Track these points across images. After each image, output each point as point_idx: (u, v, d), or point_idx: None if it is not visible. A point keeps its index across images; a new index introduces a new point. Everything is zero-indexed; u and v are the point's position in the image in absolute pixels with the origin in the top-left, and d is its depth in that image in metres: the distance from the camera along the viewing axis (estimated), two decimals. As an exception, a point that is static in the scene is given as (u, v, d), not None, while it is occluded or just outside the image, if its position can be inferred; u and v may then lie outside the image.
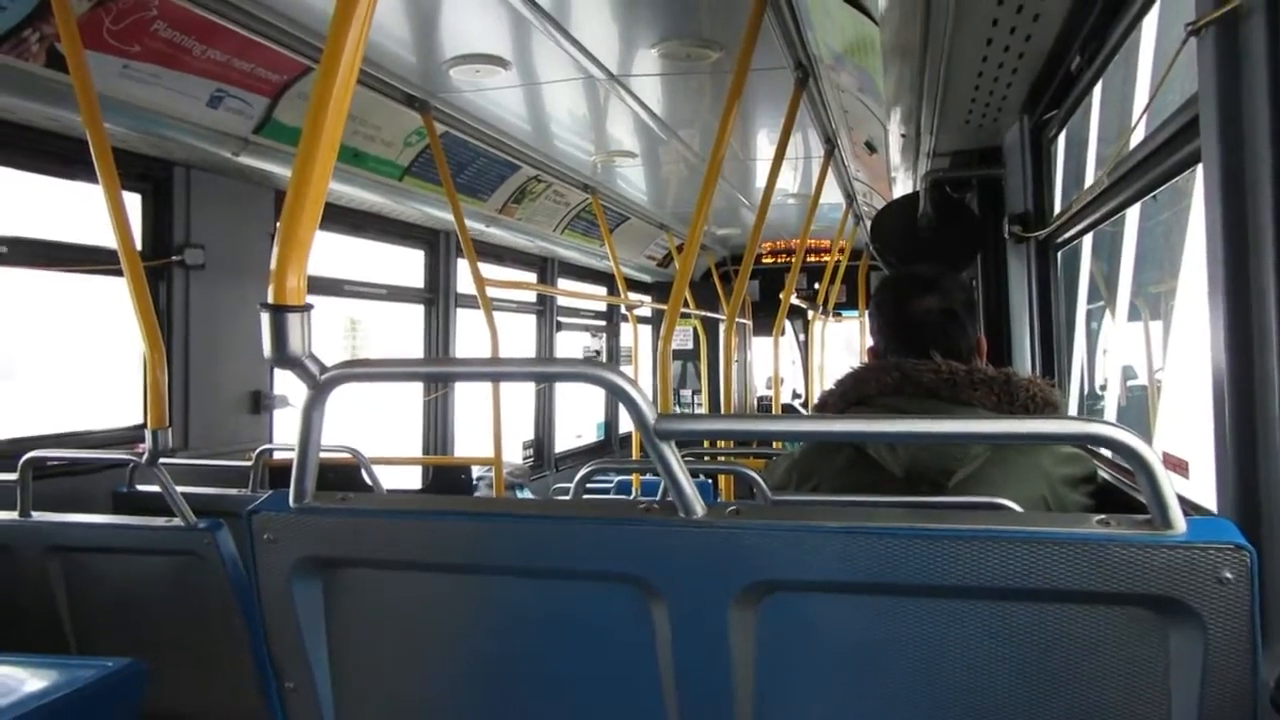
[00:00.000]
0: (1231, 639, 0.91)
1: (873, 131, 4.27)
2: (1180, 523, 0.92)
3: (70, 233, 3.43)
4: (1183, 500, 0.94)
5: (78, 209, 3.39)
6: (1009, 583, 0.96)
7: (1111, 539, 0.93)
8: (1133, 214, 2.70)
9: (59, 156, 3.25)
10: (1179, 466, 2.00)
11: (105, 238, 2.73)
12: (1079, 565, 0.94)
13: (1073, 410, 3.21)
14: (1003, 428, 1.13)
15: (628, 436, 8.61)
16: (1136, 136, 1.98)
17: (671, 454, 1.05)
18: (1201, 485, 1.73)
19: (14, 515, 2.44)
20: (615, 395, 1.04)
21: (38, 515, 2.45)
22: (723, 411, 4.87)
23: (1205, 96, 1.23)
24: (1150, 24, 2.12)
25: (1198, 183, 1.56)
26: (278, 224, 1.15)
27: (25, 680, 1.82)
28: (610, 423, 8.94)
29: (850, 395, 1.85)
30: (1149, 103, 1.85)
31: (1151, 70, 2.18)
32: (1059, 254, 3.09)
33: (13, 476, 2.45)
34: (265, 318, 1.10)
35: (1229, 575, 0.90)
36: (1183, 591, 0.91)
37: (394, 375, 1.16)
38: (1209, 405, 1.35)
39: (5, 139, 3.06)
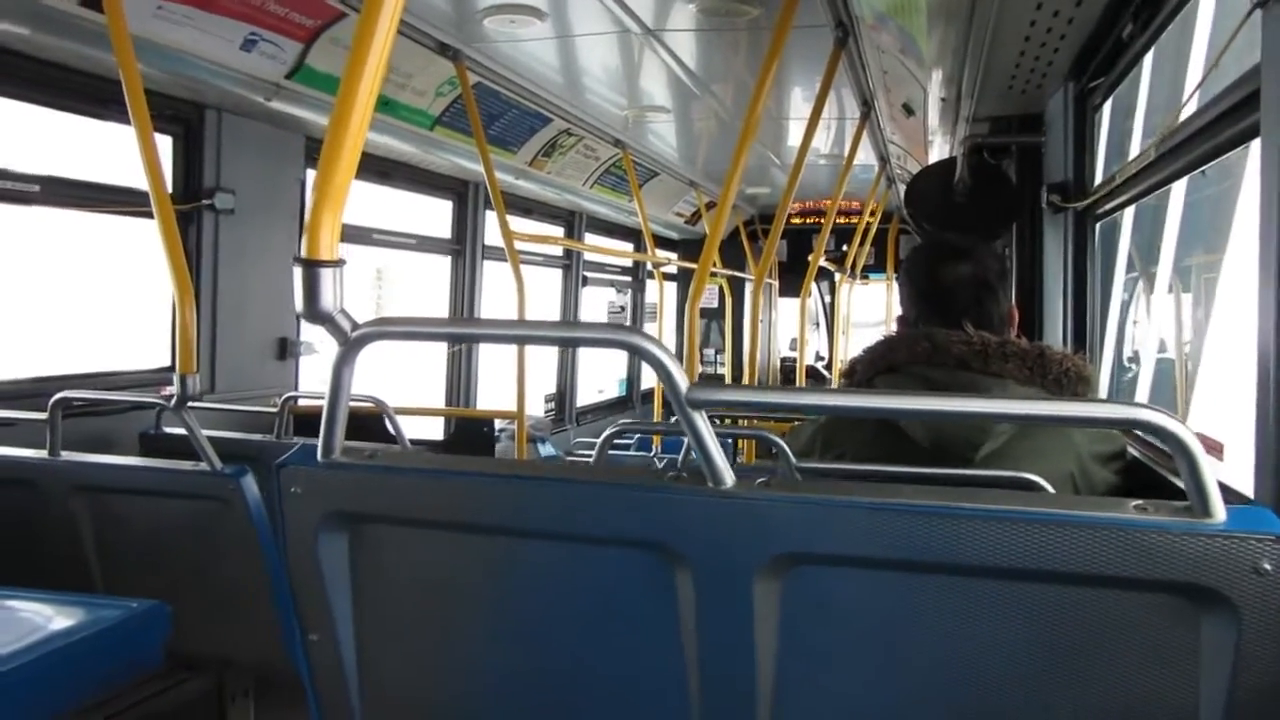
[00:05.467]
0: (1266, 630, 0.90)
1: (911, 94, 4.19)
2: (1220, 511, 0.90)
3: (100, 174, 3.43)
4: (1220, 486, 0.92)
5: (105, 150, 3.39)
6: (1039, 564, 0.95)
7: (1148, 525, 0.92)
8: (1177, 188, 2.64)
9: (92, 96, 3.24)
10: (1215, 449, 1.97)
11: (136, 179, 2.71)
12: (1113, 550, 0.92)
13: (1104, 385, 3.16)
14: (1041, 409, 1.10)
15: (648, 393, 8.62)
16: (1189, 108, 1.93)
17: (703, 423, 1.03)
18: (1237, 469, 1.70)
19: (43, 454, 2.47)
20: (647, 362, 1.03)
21: (66, 455, 2.48)
22: (745, 372, 4.87)
23: (1268, 70, 1.19)
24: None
25: (1252, 158, 1.51)
26: (308, 172, 1.13)
27: (52, 618, 1.84)
28: (632, 379, 8.94)
29: (880, 363, 1.83)
30: (1206, 74, 1.79)
31: (1209, 40, 2.11)
32: (1097, 226, 3.03)
33: (42, 416, 2.47)
34: (298, 272, 1.09)
35: (1268, 566, 0.88)
36: (1219, 581, 0.90)
37: (423, 335, 1.15)
38: (1251, 388, 1.31)
39: (40, 78, 3.04)
